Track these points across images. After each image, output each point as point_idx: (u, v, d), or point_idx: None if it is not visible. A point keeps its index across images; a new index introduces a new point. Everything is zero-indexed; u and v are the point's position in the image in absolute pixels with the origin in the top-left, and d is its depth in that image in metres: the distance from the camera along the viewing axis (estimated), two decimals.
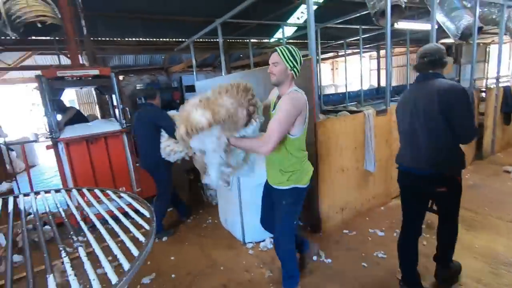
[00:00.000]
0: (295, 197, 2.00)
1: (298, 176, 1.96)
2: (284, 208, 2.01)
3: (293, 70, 1.86)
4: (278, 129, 1.74)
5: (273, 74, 1.88)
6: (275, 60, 1.86)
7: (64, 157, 3.59)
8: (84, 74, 3.82)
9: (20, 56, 9.98)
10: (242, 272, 2.61)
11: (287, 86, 1.91)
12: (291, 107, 1.78)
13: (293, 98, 1.82)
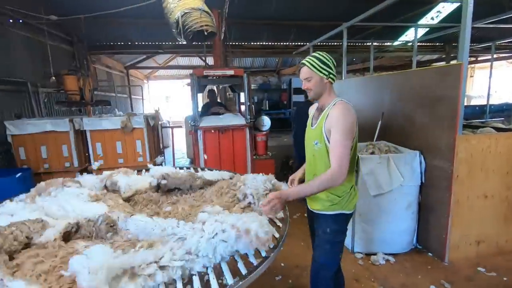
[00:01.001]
0: (340, 224, 1.74)
1: (345, 201, 1.70)
2: (327, 237, 1.73)
3: (329, 77, 1.65)
4: (345, 152, 1.53)
5: (309, 89, 1.68)
6: (307, 75, 1.66)
7: (200, 141, 4.30)
8: (223, 74, 4.46)
9: (167, 57, 12.41)
10: (351, 280, 2.56)
11: (328, 96, 1.70)
12: (345, 121, 1.56)
13: (344, 109, 1.59)
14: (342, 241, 1.78)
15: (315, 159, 1.73)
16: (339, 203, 1.68)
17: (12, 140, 4.05)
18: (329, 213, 1.71)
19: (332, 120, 1.58)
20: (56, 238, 1.38)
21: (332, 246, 1.74)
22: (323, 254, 1.76)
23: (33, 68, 5.13)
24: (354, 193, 1.74)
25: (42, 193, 1.86)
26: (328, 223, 1.72)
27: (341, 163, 1.51)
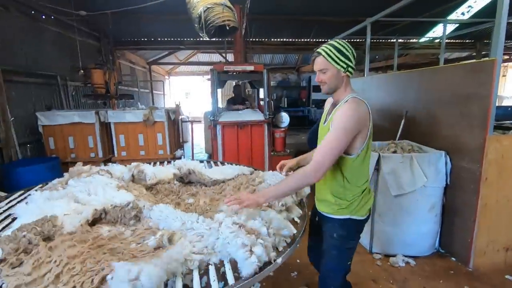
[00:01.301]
0: (349, 230, 1.56)
1: (355, 206, 1.53)
2: (334, 242, 1.57)
3: (347, 70, 1.45)
4: (330, 153, 1.37)
5: (323, 82, 1.49)
6: (322, 66, 1.45)
7: (219, 136, 4.35)
8: (243, 70, 4.47)
9: (188, 54, 12.60)
10: (369, 281, 2.52)
11: (343, 91, 1.50)
12: (350, 121, 1.37)
13: (352, 109, 1.39)
14: (351, 248, 1.60)
15: None
16: (347, 207, 1.52)
17: (42, 130, 4.28)
18: (336, 217, 1.55)
19: (336, 116, 1.42)
20: (82, 224, 1.44)
21: (339, 252, 1.57)
22: (329, 260, 1.61)
23: (62, 62, 5.37)
24: (367, 197, 1.56)
25: (74, 177, 1.96)
26: (335, 227, 1.56)
27: (319, 161, 1.37)
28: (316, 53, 1.46)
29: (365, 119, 1.42)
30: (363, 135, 1.44)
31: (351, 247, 1.60)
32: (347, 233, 1.55)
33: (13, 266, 1.12)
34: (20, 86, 4.31)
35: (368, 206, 1.58)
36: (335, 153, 1.38)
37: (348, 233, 1.56)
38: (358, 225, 1.58)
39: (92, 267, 1.07)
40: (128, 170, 2.20)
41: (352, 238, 1.59)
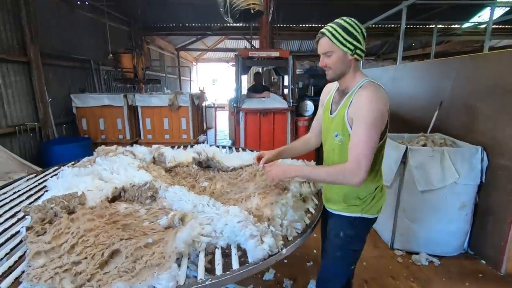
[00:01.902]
0: (358, 229, 1.42)
1: (367, 204, 1.39)
2: (339, 241, 1.43)
3: (355, 53, 1.25)
4: (367, 150, 1.20)
5: (327, 67, 1.30)
6: (327, 48, 1.27)
7: (242, 122, 4.35)
8: (267, 56, 4.38)
9: (215, 40, 12.61)
10: (387, 277, 2.43)
11: (352, 77, 1.32)
12: (373, 108, 1.20)
13: (373, 94, 1.22)
14: (357, 250, 1.46)
15: (334, 154, 1.40)
16: (359, 205, 1.39)
17: (76, 112, 4.53)
18: (346, 214, 1.41)
19: (357, 107, 1.24)
20: (102, 200, 1.51)
21: (343, 254, 1.44)
22: (331, 262, 1.48)
23: (96, 47, 5.60)
24: (380, 195, 1.42)
25: (101, 156, 2.05)
26: (342, 225, 1.42)
27: (360, 162, 1.20)
28: (320, 34, 1.28)
29: (387, 108, 1.25)
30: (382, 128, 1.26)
31: (357, 249, 1.45)
32: (355, 232, 1.41)
33: (38, 234, 1.19)
34: (57, 69, 4.56)
35: (380, 204, 1.43)
36: (372, 148, 1.22)
37: (356, 233, 1.42)
38: (368, 225, 1.44)
39: (104, 240, 1.12)
40: (149, 152, 2.26)
41: (360, 239, 1.45)
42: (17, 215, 1.45)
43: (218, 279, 1.05)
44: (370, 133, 1.20)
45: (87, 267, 1.01)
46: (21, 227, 1.30)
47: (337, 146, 1.36)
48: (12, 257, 1.13)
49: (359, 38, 1.24)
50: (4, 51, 3.55)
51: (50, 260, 1.05)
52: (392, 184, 2.76)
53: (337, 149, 1.37)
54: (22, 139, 3.81)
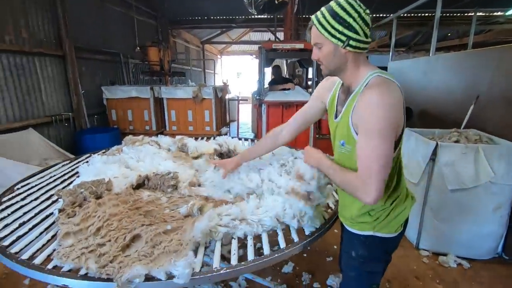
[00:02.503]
0: (372, 250, 1.19)
1: (380, 222, 1.15)
2: (352, 262, 1.23)
3: (348, 44, 1.01)
4: (378, 167, 0.98)
5: (319, 62, 1.11)
6: (315, 39, 1.06)
7: (264, 115, 4.33)
8: (292, 47, 4.31)
9: (240, 32, 12.60)
10: (411, 277, 2.34)
11: (355, 72, 1.08)
12: (386, 116, 0.96)
13: (382, 96, 0.96)
14: (374, 273, 1.23)
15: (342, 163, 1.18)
16: (370, 222, 1.16)
17: (106, 103, 4.75)
18: (355, 231, 1.20)
19: (361, 113, 1.00)
20: (127, 187, 1.58)
21: (358, 276, 1.23)
22: (346, 280, 1.31)
23: (125, 41, 5.80)
24: (400, 208, 1.16)
25: (128, 145, 2.14)
26: (353, 244, 1.21)
27: (370, 182, 0.98)
28: (311, 22, 1.07)
29: (400, 110, 1.00)
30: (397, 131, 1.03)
31: (375, 271, 1.22)
32: (369, 253, 1.18)
33: (68, 216, 1.28)
34: (89, 62, 4.79)
35: (400, 221, 1.17)
36: (385, 162, 0.98)
37: (370, 253, 1.18)
38: (385, 244, 1.18)
39: (126, 225, 1.17)
40: (173, 143, 2.32)
41: (376, 260, 1.21)
42: (52, 198, 1.56)
43: (233, 269, 1.06)
44: (380, 145, 0.97)
45: (110, 249, 1.06)
46: (54, 209, 1.39)
47: (344, 156, 1.14)
48: (46, 236, 1.22)
49: (355, 25, 0.99)
50: (42, 45, 3.78)
51: (77, 240, 1.12)
52: (419, 182, 2.63)
53: (343, 159, 1.16)
54: (57, 128, 4.07)
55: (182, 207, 1.36)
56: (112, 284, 0.94)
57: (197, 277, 1.01)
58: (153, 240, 1.11)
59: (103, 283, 0.96)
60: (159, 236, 1.14)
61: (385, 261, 1.24)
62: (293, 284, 2.24)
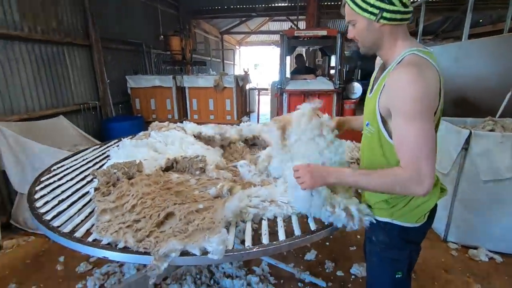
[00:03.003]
0: (392, 237, 1.13)
1: (400, 208, 1.08)
2: (373, 247, 1.19)
3: (381, 17, 0.95)
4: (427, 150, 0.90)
5: (356, 39, 1.06)
6: (349, 16, 1.02)
7: (285, 105, 4.29)
8: (314, 35, 4.21)
9: (259, 22, 12.45)
10: (439, 269, 2.27)
11: (391, 48, 1.01)
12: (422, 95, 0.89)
13: (415, 75, 0.89)
14: (398, 260, 1.15)
15: (364, 149, 1.16)
16: (386, 208, 1.10)
17: (130, 92, 4.86)
18: (375, 217, 1.15)
19: (392, 94, 0.94)
20: (157, 169, 1.61)
21: (380, 261, 1.19)
22: (370, 268, 1.28)
23: (147, 31, 5.88)
24: (422, 199, 1.07)
25: (155, 130, 2.19)
26: (374, 229, 1.16)
27: (420, 167, 0.90)
28: None
29: (435, 92, 0.92)
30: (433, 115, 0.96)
31: (398, 258, 1.15)
32: (389, 240, 1.13)
33: (103, 195, 1.33)
34: (114, 52, 4.90)
35: (423, 211, 1.08)
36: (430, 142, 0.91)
37: (390, 240, 1.13)
38: (405, 233, 1.11)
39: (159, 203, 1.20)
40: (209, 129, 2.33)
41: (398, 248, 1.14)
42: (86, 178, 1.63)
43: (264, 248, 1.07)
44: (424, 128, 0.89)
45: (145, 225, 1.09)
46: (90, 188, 1.45)
47: (367, 138, 1.10)
48: (83, 212, 1.27)
49: None
50: (70, 36, 3.90)
51: (114, 216, 1.16)
52: (449, 172, 2.52)
53: (366, 143, 1.11)
54: (85, 116, 4.22)
55: (211, 189, 1.38)
56: (150, 257, 0.97)
57: (230, 254, 1.02)
58: (186, 217, 1.14)
59: (141, 256, 0.99)
60: (192, 214, 1.16)
61: (410, 250, 1.15)
62: (315, 271, 2.23)
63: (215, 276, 2.11)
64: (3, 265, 2.32)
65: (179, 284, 2.01)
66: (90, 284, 2.07)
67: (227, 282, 2.03)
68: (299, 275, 2.11)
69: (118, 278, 2.11)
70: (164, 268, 0.96)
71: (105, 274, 2.18)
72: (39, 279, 2.16)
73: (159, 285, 2.03)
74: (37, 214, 1.25)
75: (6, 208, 2.86)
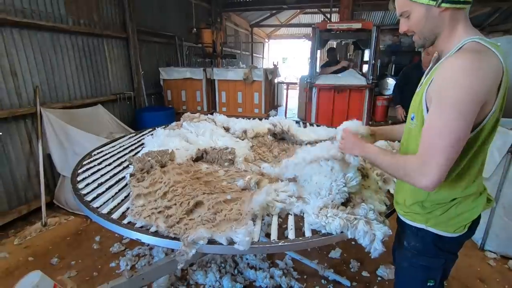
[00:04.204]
0: (425, 243, 1.05)
1: (435, 216, 1.01)
2: (405, 253, 1.12)
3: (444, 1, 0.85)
4: (445, 142, 0.82)
5: (410, 32, 0.96)
6: (401, 7, 0.93)
7: (314, 99, 4.21)
8: (348, 28, 4.06)
9: (289, 15, 12.24)
10: (474, 279, 2.14)
11: (451, 35, 0.91)
12: (467, 86, 0.79)
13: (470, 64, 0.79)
14: (431, 268, 1.08)
15: (406, 139, 1.08)
16: (422, 214, 1.03)
17: (163, 84, 5.02)
18: (407, 221, 1.09)
19: (439, 82, 0.86)
20: (188, 159, 1.66)
21: (410, 267, 1.12)
22: (400, 273, 1.21)
23: (179, 24, 6.00)
24: (465, 208, 0.98)
25: (187, 120, 2.26)
26: (406, 233, 1.11)
27: (430, 158, 0.85)
28: None
29: (491, 85, 0.82)
30: (483, 110, 0.84)
31: (431, 266, 1.07)
32: (423, 246, 1.06)
33: (138, 181, 1.39)
34: (148, 44, 5.08)
35: (465, 221, 0.99)
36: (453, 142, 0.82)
37: (423, 247, 1.06)
38: (440, 242, 1.03)
39: (189, 192, 1.24)
40: (227, 122, 2.37)
41: (432, 255, 1.06)
42: (123, 164, 1.72)
43: (290, 243, 1.07)
44: (454, 120, 0.81)
45: (176, 212, 1.14)
46: (126, 173, 1.53)
47: (409, 132, 1.04)
48: (120, 196, 1.35)
49: None
50: (109, 28, 4.10)
51: (147, 202, 1.22)
52: (491, 176, 2.34)
53: (407, 136, 1.06)
54: (121, 105, 4.43)
55: (239, 180, 1.39)
56: (179, 243, 1.01)
57: (256, 246, 1.03)
58: (215, 207, 1.17)
59: (171, 241, 1.03)
60: (220, 204, 1.18)
61: (445, 259, 1.07)
62: (340, 270, 2.20)
63: (239, 266, 2.16)
64: (47, 240, 2.54)
65: (204, 271, 2.08)
66: (122, 264, 2.21)
67: (250, 273, 2.06)
68: (323, 272, 2.09)
69: (148, 261, 2.23)
70: (192, 254, 0.99)
71: (136, 255, 2.31)
72: (77, 255, 2.34)
73: (186, 270, 2.11)
74: (79, 195, 1.34)
75: (50, 189, 3.12)
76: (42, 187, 2.83)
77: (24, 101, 2.87)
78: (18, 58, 2.80)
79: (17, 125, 2.82)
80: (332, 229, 1.08)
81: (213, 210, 1.15)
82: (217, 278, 2.02)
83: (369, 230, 1.05)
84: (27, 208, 2.89)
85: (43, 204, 2.80)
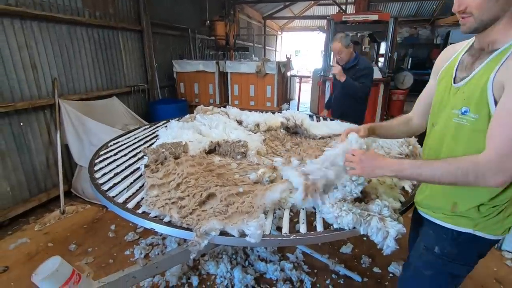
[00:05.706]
0: (463, 250, 0.97)
1: (491, 218, 0.92)
2: (432, 258, 1.02)
3: None
4: None
5: (466, 13, 0.84)
6: None
7: (327, 93, 4.14)
8: (364, 19, 3.96)
9: (303, 7, 12.02)
10: (490, 278, 2.09)
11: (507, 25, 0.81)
12: None
13: None
14: (457, 276, 1.02)
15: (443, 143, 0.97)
16: (475, 218, 0.93)
17: (176, 76, 5.06)
18: (448, 226, 0.98)
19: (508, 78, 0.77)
20: (201, 151, 1.68)
21: (436, 275, 1.02)
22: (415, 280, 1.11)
23: (192, 16, 6.00)
24: None
25: (200, 113, 2.27)
26: (440, 239, 1.00)
27: (508, 151, 0.76)
28: None
29: None
30: None
31: (459, 274, 1.01)
32: (458, 252, 0.97)
33: (152, 172, 1.42)
34: (162, 37, 5.11)
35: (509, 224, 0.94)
36: None
37: (459, 253, 0.97)
38: (482, 246, 0.97)
39: (202, 184, 1.25)
40: (245, 114, 2.36)
41: (464, 263, 0.99)
42: (138, 155, 1.75)
43: (302, 236, 1.07)
44: None
45: (189, 203, 1.15)
46: (141, 164, 1.56)
47: (457, 128, 0.91)
48: (135, 186, 1.38)
49: None
50: (124, 21, 4.14)
51: (161, 192, 1.24)
52: None
53: (456, 133, 0.92)
54: (135, 97, 4.51)
55: (252, 174, 1.40)
56: (191, 233, 1.03)
57: (267, 239, 1.04)
58: (227, 199, 1.17)
59: (184, 231, 1.05)
60: (232, 196, 1.19)
61: (471, 265, 1.01)
62: (351, 265, 2.19)
63: (250, 258, 2.18)
64: (65, 227, 2.63)
65: (215, 261, 2.12)
66: (136, 252, 2.27)
67: (261, 265, 2.08)
68: (334, 267, 2.09)
69: (161, 250, 2.29)
70: (204, 245, 1.01)
71: (150, 244, 2.37)
72: (94, 242, 2.42)
73: (198, 260, 2.15)
74: (96, 184, 1.38)
75: (68, 178, 3.22)
76: (60, 176, 2.93)
77: (43, 92, 2.96)
78: (37, 50, 2.88)
79: (36, 116, 2.92)
80: (344, 224, 1.06)
81: (225, 202, 1.16)
82: (228, 269, 2.05)
83: (383, 227, 1.03)
84: (46, 196, 3.00)
85: (61, 193, 2.91)
